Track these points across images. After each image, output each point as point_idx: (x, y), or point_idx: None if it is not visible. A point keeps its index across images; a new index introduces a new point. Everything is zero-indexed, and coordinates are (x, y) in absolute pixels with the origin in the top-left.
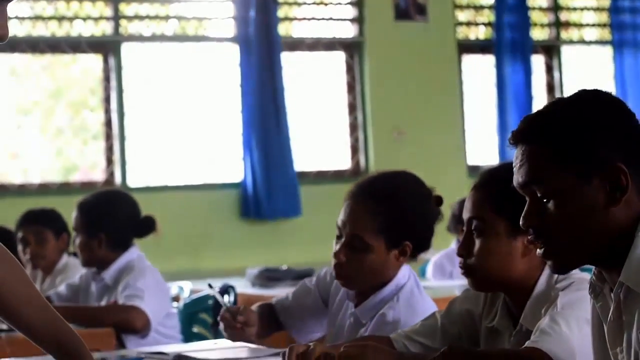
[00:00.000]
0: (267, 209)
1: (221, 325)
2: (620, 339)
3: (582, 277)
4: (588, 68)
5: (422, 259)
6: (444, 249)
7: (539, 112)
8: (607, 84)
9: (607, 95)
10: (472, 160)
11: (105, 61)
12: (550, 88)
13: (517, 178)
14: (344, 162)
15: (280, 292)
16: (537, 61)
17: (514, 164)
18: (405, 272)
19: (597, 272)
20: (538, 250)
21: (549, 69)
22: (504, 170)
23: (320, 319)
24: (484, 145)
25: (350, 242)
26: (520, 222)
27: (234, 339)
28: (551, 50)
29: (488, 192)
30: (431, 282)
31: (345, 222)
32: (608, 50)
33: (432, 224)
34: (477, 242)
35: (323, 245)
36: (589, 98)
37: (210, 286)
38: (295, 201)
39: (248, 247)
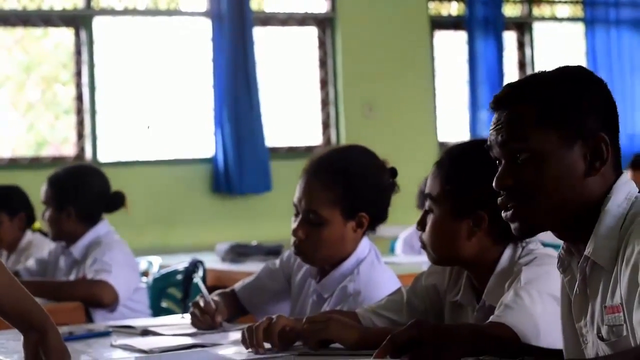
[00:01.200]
0: (238, 184)
1: (196, 317)
2: (585, 311)
3: (545, 252)
4: (560, 45)
5: (391, 236)
6: (413, 225)
7: (522, 79)
8: (579, 61)
9: (589, 72)
10: (443, 137)
11: (77, 35)
12: (522, 65)
13: (497, 138)
14: (315, 138)
15: (250, 268)
16: (509, 38)
17: (492, 127)
18: (365, 246)
19: (566, 246)
20: (504, 213)
21: (521, 46)
22: (459, 148)
23: (287, 301)
24: (455, 122)
25: (306, 217)
26: (494, 184)
27: (205, 329)
28: (523, 26)
29: (440, 171)
30: (400, 258)
31: (301, 198)
32: (580, 27)
33: (387, 195)
34: (428, 219)
35: None
36: (575, 70)
37: (188, 271)
38: (266, 177)
39: (218, 222)
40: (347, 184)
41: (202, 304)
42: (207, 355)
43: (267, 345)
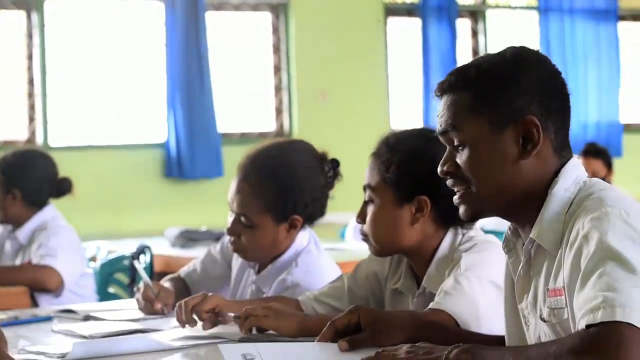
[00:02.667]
0: (190, 170)
1: (140, 303)
2: (528, 292)
3: (485, 238)
4: (513, 33)
5: (341, 223)
6: None
7: (464, 64)
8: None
9: (532, 51)
10: (396, 124)
11: (28, 17)
12: (476, 53)
13: (437, 126)
14: (269, 124)
15: (199, 253)
16: (463, 25)
17: (437, 115)
18: (303, 236)
19: (513, 227)
20: (454, 197)
21: (475, 34)
22: (397, 137)
23: (229, 286)
24: (408, 109)
25: (238, 219)
26: (438, 169)
27: (148, 314)
28: (477, 14)
29: (379, 159)
30: (350, 245)
31: (233, 200)
32: (534, 15)
33: (324, 193)
34: (369, 210)
35: None
36: (511, 52)
37: (132, 257)
38: (218, 162)
39: (170, 207)
40: (277, 190)
41: (142, 289)
42: (143, 341)
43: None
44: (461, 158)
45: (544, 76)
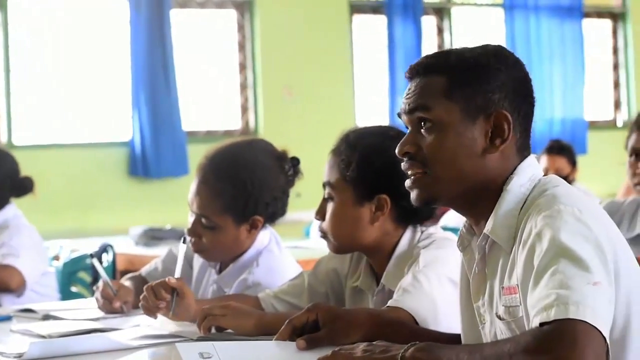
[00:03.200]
0: (155, 168)
1: (99, 300)
2: (484, 291)
3: (444, 235)
4: (479, 30)
5: (307, 221)
6: None
7: (441, 51)
8: None
9: (509, 53)
10: (362, 121)
11: None
12: (441, 50)
13: (405, 106)
14: (234, 122)
15: (162, 252)
16: (428, 23)
17: (404, 97)
18: (264, 235)
19: (468, 225)
20: (407, 181)
21: (440, 31)
22: (357, 135)
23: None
24: (374, 107)
25: (199, 220)
26: (397, 150)
27: (108, 313)
28: (442, 12)
29: (338, 157)
30: (314, 243)
31: (192, 201)
32: (499, 13)
33: (285, 193)
34: (328, 207)
35: None
36: (491, 48)
37: (91, 255)
38: (183, 160)
39: (135, 206)
40: (237, 191)
41: (101, 288)
42: (101, 340)
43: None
44: (425, 140)
45: (520, 77)
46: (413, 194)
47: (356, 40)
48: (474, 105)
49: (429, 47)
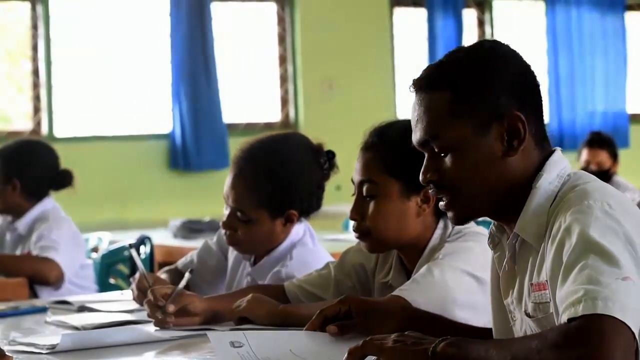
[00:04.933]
0: (196, 161)
1: (134, 293)
2: (513, 288)
3: (475, 230)
4: (520, 23)
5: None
6: None
7: (439, 60)
8: (539, 40)
9: (505, 46)
10: (402, 114)
11: (33, 9)
12: None
13: (415, 136)
14: (274, 114)
15: (201, 244)
16: (469, 15)
17: (411, 115)
18: (299, 228)
19: (497, 222)
20: (440, 203)
21: (481, 24)
22: (393, 129)
23: (225, 278)
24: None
25: (234, 214)
26: (420, 178)
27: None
28: (483, 4)
29: (378, 153)
30: (352, 236)
31: (228, 195)
32: (540, 6)
33: (320, 187)
34: (371, 205)
35: None
36: (488, 47)
37: (130, 246)
38: (224, 153)
39: (175, 198)
40: (273, 186)
41: (137, 279)
42: (133, 332)
43: None
44: (445, 164)
45: (521, 70)
46: (450, 215)
47: (397, 33)
48: (484, 115)
49: (470, 40)
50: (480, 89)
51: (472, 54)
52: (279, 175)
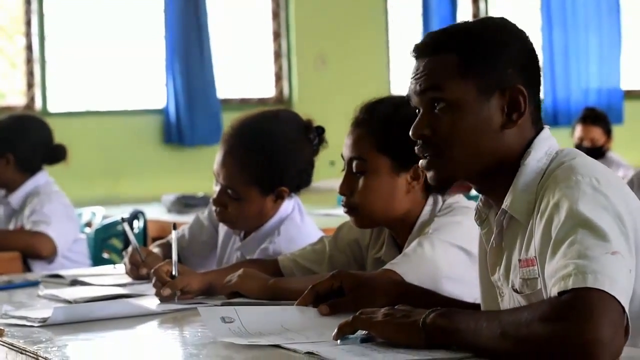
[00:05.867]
0: (189, 136)
1: (127, 267)
2: (500, 264)
3: (465, 204)
4: None
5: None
6: None
7: (444, 28)
8: (533, 16)
9: (513, 24)
10: (396, 90)
11: None
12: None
13: (416, 87)
14: (268, 90)
15: None
16: None
17: (412, 76)
18: (288, 204)
19: (484, 198)
20: (422, 161)
21: (475, 0)
22: (383, 105)
23: (215, 252)
24: (408, 76)
25: (224, 191)
26: (411, 132)
27: (136, 279)
28: None
29: (368, 129)
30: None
31: (218, 172)
32: None
33: (309, 163)
34: (360, 181)
35: None
36: (498, 21)
37: (122, 220)
38: (218, 128)
39: (169, 173)
40: (264, 163)
41: (130, 253)
42: (124, 306)
43: None
44: (441, 122)
45: (528, 49)
46: (430, 175)
47: (390, 9)
48: (489, 82)
49: (464, 15)
50: (488, 56)
51: (481, 25)
52: (269, 152)
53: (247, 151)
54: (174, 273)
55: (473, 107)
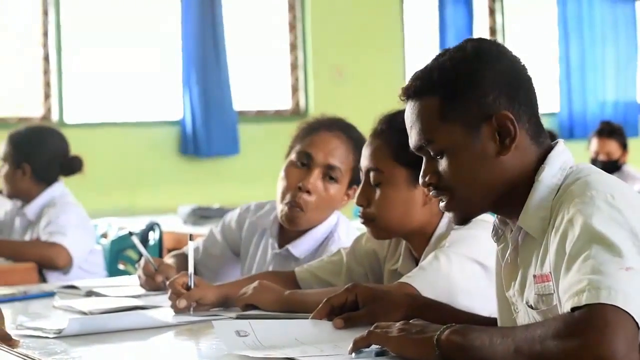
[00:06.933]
0: (206, 147)
1: (141, 279)
2: (515, 280)
3: (481, 218)
4: (531, 12)
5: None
6: None
7: (425, 66)
8: (551, 28)
9: (490, 43)
10: None
11: None
12: (493, 32)
13: (411, 141)
14: (284, 102)
15: None
16: (480, 4)
17: (406, 122)
18: (335, 214)
19: (500, 216)
20: (440, 203)
21: (492, 12)
22: (401, 117)
23: (231, 267)
24: None
25: (325, 171)
26: (420, 181)
27: (151, 290)
28: None
29: (386, 140)
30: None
31: (320, 153)
32: None
33: None
34: (377, 192)
35: (259, 184)
36: (473, 46)
37: (130, 234)
38: (234, 140)
39: (185, 185)
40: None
41: (142, 265)
42: (139, 317)
43: None
44: (441, 167)
45: (507, 67)
46: (451, 216)
47: (407, 21)
48: (472, 116)
49: (480, 28)
50: (466, 91)
51: (455, 56)
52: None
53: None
54: (190, 284)
55: (464, 145)
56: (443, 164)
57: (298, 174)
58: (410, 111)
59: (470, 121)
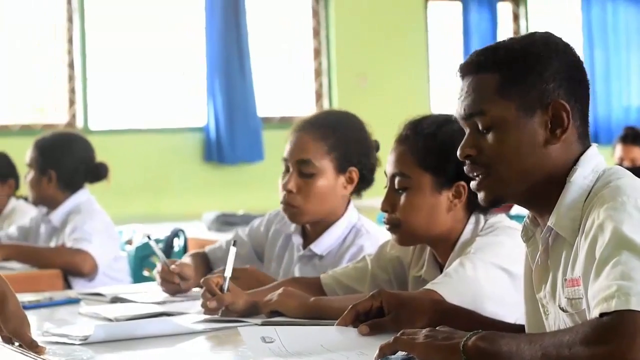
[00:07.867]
0: (230, 154)
1: (158, 280)
2: (545, 282)
3: (507, 224)
4: (555, 17)
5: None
6: None
7: (489, 46)
8: (575, 34)
9: (558, 38)
10: (436, 108)
11: (69, 2)
12: None
13: (460, 110)
14: (309, 108)
15: None
16: (504, 9)
17: (458, 97)
18: (354, 212)
19: (532, 216)
20: (472, 182)
21: (516, 18)
22: (427, 122)
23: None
24: (449, 93)
25: (299, 168)
26: (458, 153)
27: (171, 293)
28: None
29: (411, 146)
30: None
31: (292, 152)
32: (576, 0)
33: (374, 156)
34: (402, 198)
35: None
36: (542, 36)
37: (148, 238)
38: (258, 146)
39: (209, 191)
40: (339, 137)
41: (160, 269)
42: (165, 324)
43: None
44: (486, 142)
45: (572, 62)
46: (481, 195)
47: (431, 26)
48: (530, 98)
49: (505, 34)
50: (529, 74)
51: (523, 41)
52: (343, 128)
53: (322, 127)
54: (224, 287)
55: (515, 125)
56: (489, 138)
57: (284, 179)
58: (466, 86)
59: (527, 104)
